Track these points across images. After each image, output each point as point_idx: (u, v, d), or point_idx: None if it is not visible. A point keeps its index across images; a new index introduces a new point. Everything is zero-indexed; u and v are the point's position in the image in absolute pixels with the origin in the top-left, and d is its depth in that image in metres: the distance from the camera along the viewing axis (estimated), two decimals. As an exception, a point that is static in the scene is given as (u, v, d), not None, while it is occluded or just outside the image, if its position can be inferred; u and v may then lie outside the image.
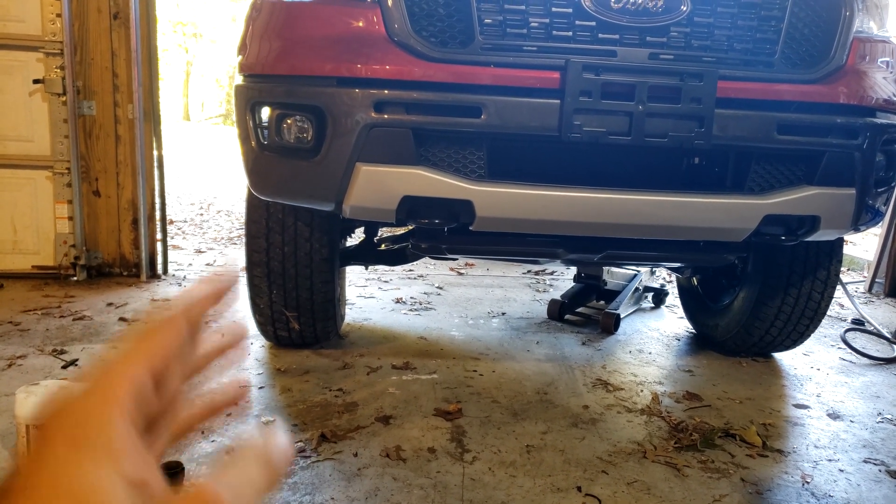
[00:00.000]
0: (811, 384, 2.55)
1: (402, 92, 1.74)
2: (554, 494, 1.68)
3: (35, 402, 1.66)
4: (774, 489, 1.76)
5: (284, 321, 2.47)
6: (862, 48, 1.92)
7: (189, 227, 5.78)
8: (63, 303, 3.17)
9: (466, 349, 2.75)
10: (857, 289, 4.28)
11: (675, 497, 1.69)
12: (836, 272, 2.53)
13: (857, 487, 1.79)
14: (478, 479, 1.73)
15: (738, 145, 1.86)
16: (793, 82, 1.86)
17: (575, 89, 1.71)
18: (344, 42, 1.77)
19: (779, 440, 2.05)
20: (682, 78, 1.75)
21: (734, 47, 1.82)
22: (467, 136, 1.78)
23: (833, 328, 3.29)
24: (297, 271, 2.36)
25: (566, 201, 1.82)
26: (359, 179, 1.78)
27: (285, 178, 1.92)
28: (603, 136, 1.74)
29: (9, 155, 3.45)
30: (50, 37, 3.35)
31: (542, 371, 2.53)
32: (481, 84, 1.74)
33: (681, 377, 2.56)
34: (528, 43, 1.74)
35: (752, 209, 1.89)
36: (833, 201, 1.92)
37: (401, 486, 1.68)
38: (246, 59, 1.94)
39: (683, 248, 2.25)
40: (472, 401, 2.22)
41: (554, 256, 2.23)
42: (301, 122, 1.83)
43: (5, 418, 1.93)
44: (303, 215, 2.29)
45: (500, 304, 3.52)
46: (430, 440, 1.93)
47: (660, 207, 1.86)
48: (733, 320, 2.73)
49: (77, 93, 3.42)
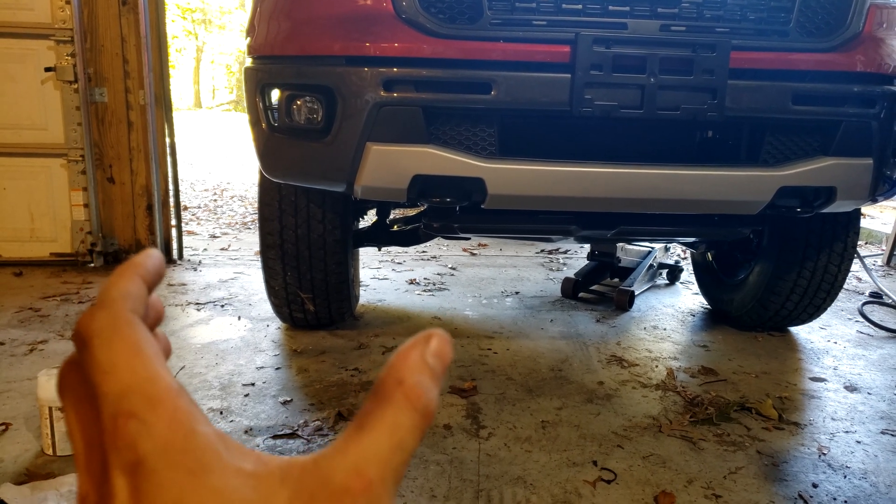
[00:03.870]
0: (828, 357, 2.53)
1: (412, 70, 1.74)
2: (569, 469, 1.69)
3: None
4: (791, 461, 1.76)
5: (299, 303, 2.49)
6: (879, 15, 1.88)
7: (203, 212, 5.82)
8: (81, 289, 3.21)
9: (481, 328, 2.76)
10: (876, 262, 4.24)
11: (690, 470, 1.70)
12: (853, 244, 2.50)
13: (874, 458, 1.79)
14: (493, 455, 1.75)
15: (752, 117, 1.84)
16: (808, 51, 1.82)
17: (585, 63, 1.69)
18: (352, 21, 1.76)
19: (795, 413, 2.05)
20: (695, 49, 1.73)
21: (747, 17, 1.79)
22: (477, 112, 1.77)
23: (850, 301, 3.26)
24: (310, 253, 2.37)
25: (579, 177, 1.81)
26: (369, 159, 1.78)
27: (296, 159, 1.92)
28: (614, 110, 1.73)
29: (23, 143, 3.48)
30: (60, 24, 3.36)
31: (557, 348, 2.54)
32: (491, 60, 1.73)
33: (696, 352, 2.55)
34: (538, 17, 1.72)
35: (766, 181, 1.87)
36: (850, 172, 1.90)
37: (417, 462, 1.70)
38: (254, 41, 1.94)
39: (697, 222, 2.23)
40: (486, 378, 2.23)
41: (567, 234, 2.22)
42: (311, 103, 1.83)
43: (29, 401, 1.96)
44: (315, 197, 2.30)
45: (513, 283, 3.52)
46: (445, 417, 1.94)
47: (673, 181, 1.84)
48: (748, 295, 2.71)
49: (88, 80, 3.44)
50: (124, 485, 0.23)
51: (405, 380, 0.25)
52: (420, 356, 0.25)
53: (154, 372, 0.25)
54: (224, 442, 0.25)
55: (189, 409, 0.24)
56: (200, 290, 3.23)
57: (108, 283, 0.28)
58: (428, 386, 0.25)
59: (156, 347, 0.26)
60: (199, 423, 0.24)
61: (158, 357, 0.25)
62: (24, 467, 1.65)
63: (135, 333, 0.26)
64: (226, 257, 4.01)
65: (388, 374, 0.25)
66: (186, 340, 2.52)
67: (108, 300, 0.27)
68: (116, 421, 0.23)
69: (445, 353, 0.26)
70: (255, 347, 2.47)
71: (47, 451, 1.70)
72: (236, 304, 3.02)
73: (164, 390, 0.24)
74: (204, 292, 3.20)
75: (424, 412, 0.25)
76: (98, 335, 0.25)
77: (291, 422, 1.89)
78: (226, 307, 2.97)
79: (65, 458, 1.69)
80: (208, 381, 2.16)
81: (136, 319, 0.26)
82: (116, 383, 0.24)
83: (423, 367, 0.25)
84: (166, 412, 0.24)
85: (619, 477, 1.66)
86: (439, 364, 0.26)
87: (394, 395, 0.25)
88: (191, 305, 2.98)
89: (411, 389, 0.25)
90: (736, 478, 1.67)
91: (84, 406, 0.26)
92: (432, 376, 0.25)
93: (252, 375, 2.21)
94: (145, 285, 0.29)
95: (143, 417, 0.23)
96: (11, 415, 1.90)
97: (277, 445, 1.77)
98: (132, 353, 0.25)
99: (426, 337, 0.26)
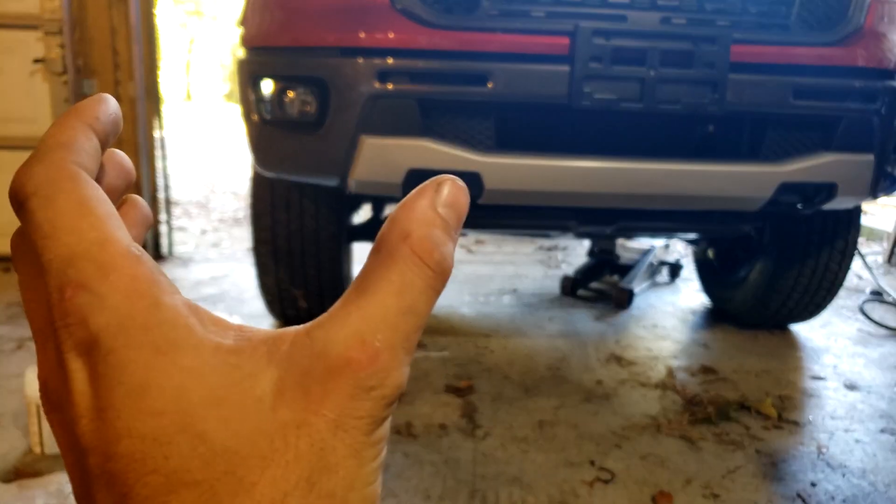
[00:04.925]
0: (828, 356, 2.52)
1: (407, 61, 1.70)
2: (567, 468, 1.66)
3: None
4: (790, 460, 1.74)
5: (292, 299, 2.46)
6: (880, 9, 1.86)
7: (194, 207, 5.77)
8: (71, 284, 3.16)
9: (477, 326, 2.73)
10: (877, 260, 4.22)
11: (689, 469, 1.67)
12: (853, 242, 2.48)
13: (873, 457, 1.77)
14: (489, 455, 1.72)
15: (752, 111, 1.82)
16: (809, 45, 1.80)
17: (584, 55, 1.66)
18: (346, 11, 1.73)
19: (794, 412, 2.02)
20: (695, 42, 1.70)
21: (748, 10, 1.77)
22: (474, 105, 1.74)
23: (851, 299, 3.24)
24: (303, 249, 2.33)
25: (577, 172, 1.78)
26: (363, 152, 1.74)
27: (289, 152, 1.88)
28: (614, 104, 1.70)
29: (11, 136, 3.42)
30: (49, 15, 3.30)
31: (555, 347, 2.51)
32: (488, 51, 1.70)
33: (696, 351, 2.53)
34: (536, 8, 1.69)
35: (767, 177, 1.85)
36: (850, 168, 1.88)
37: (412, 462, 1.67)
38: (247, 32, 1.90)
39: (698, 218, 2.21)
40: (483, 377, 2.20)
41: (565, 229, 2.19)
42: (304, 95, 1.79)
43: (16, 398, 1.93)
44: (308, 191, 2.26)
45: (511, 280, 3.49)
46: (441, 416, 1.91)
47: (673, 176, 1.82)
48: (749, 293, 2.69)
49: (77, 72, 3.39)
50: (80, 366, 0.20)
51: (412, 232, 0.21)
52: (430, 205, 0.21)
53: (106, 234, 0.20)
54: (197, 315, 0.21)
55: (151, 277, 0.21)
56: (191, 287, 3.18)
57: (46, 133, 0.23)
58: (441, 239, 0.21)
59: (108, 206, 0.22)
60: (165, 292, 0.21)
61: (112, 218, 0.21)
62: (12, 465, 1.62)
63: (80, 189, 0.21)
64: (217, 253, 3.97)
65: (392, 226, 0.21)
66: (177, 337, 2.48)
67: (46, 150, 0.22)
68: (63, 293, 0.20)
69: (460, 203, 0.22)
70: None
71: (35, 449, 1.67)
72: (228, 300, 2.98)
73: (119, 255, 0.20)
74: (194, 289, 3.16)
75: (438, 269, 0.21)
76: (35, 193, 0.21)
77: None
78: (217, 304, 2.93)
79: (53, 456, 1.65)
80: (199, 378, 2.13)
81: (81, 173, 0.22)
82: (60, 248, 0.20)
83: (434, 218, 0.21)
84: (122, 281, 0.20)
85: (616, 477, 1.63)
86: (453, 215, 0.22)
87: (400, 249, 0.21)
88: (182, 302, 2.94)
89: (419, 243, 0.21)
90: (734, 477, 1.65)
91: (34, 279, 0.22)
92: (445, 228, 0.21)
93: (244, 373, 2.18)
94: (95, 136, 0.24)
95: (93, 288, 0.19)
96: (-3, 413, 1.86)
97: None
98: (77, 212, 0.21)
99: (437, 183, 0.22)
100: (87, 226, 0.20)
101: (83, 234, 0.20)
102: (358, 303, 0.21)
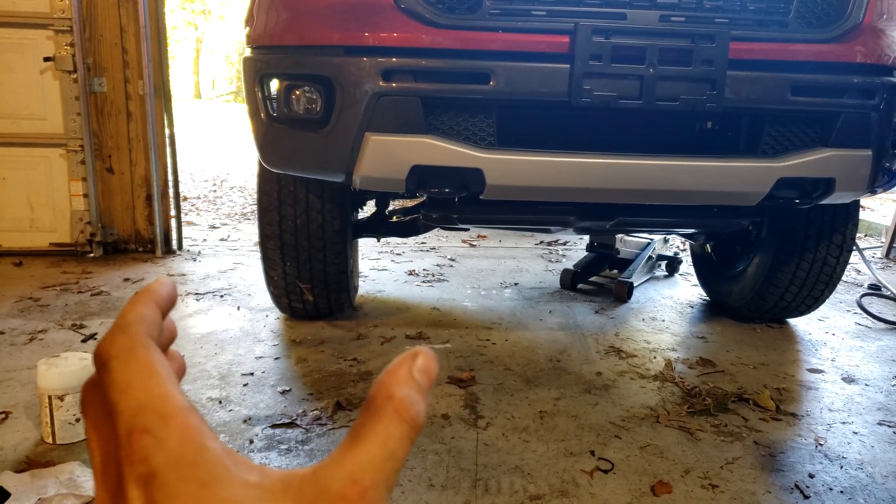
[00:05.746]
0: (826, 349, 2.54)
1: (411, 59, 1.73)
2: (567, 458, 1.70)
3: (56, 373, 1.70)
4: (787, 451, 1.77)
5: (298, 293, 2.50)
6: (879, 5, 1.88)
7: (202, 203, 5.82)
8: (81, 279, 3.21)
9: (479, 319, 2.76)
10: (875, 254, 4.24)
11: (687, 460, 1.70)
12: (851, 236, 2.50)
13: (870, 449, 1.80)
14: (491, 445, 1.75)
15: (751, 108, 1.84)
16: (808, 42, 1.82)
17: (584, 53, 1.69)
18: (351, 10, 1.76)
19: (792, 404, 2.05)
20: (694, 40, 1.72)
21: (747, 7, 1.78)
22: (476, 103, 1.77)
23: (849, 294, 3.26)
24: (309, 243, 2.37)
25: (577, 167, 1.81)
26: (368, 149, 1.78)
27: (295, 149, 1.92)
28: (613, 101, 1.72)
29: (22, 133, 3.48)
30: (59, 13, 3.34)
31: (555, 339, 2.54)
32: (490, 50, 1.73)
33: (694, 343, 2.56)
34: (537, 7, 1.72)
35: (765, 172, 1.87)
36: (848, 163, 1.90)
37: (416, 451, 1.71)
38: (253, 31, 1.93)
39: (696, 213, 2.23)
40: (485, 369, 2.24)
41: (566, 224, 2.22)
42: (310, 93, 1.83)
43: (28, 389, 1.97)
44: (314, 187, 2.30)
45: (512, 274, 3.53)
46: (443, 407, 1.95)
47: (672, 172, 1.84)
48: (747, 286, 2.72)
49: (87, 70, 3.43)
50: (139, 496, 0.25)
51: (394, 394, 0.26)
52: (408, 372, 0.27)
53: (167, 391, 0.26)
54: (231, 456, 0.26)
55: (199, 426, 0.26)
56: (200, 281, 3.23)
57: (125, 309, 0.30)
58: (416, 399, 0.27)
59: (168, 368, 0.28)
60: (209, 438, 0.26)
61: (171, 377, 0.27)
62: (24, 455, 1.65)
63: (149, 355, 0.27)
64: (225, 248, 4.02)
65: (379, 389, 0.27)
66: (186, 330, 2.53)
67: (126, 324, 0.29)
68: (131, 436, 0.25)
69: (431, 369, 0.28)
70: (254, 337, 2.48)
71: (47, 440, 1.71)
72: (235, 294, 3.02)
73: (176, 408, 0.26)
74: (203, 282, 3.20)
75: (413, 423, 0.26)
76: (116, 357, 0.27)
77: (290, 411, 1.90)
78: (225, 297, 2.97)
79: (64, 446, 1.70)
80: (207, 370, 2.17)
81: (150, 342, 0.28)
82: (132, 401, 0.26)
83: (411, 382, 0.27)
84: (178, 428, 0.25)
85: (616, 467, 1.67)
86: (426, 379, 0.28)
87: (384, 408, 0.26)
88: (190, 296, 2.99)
89: (400, 403, 0.26)
90: (733, 468, 1.68)
91: (102, 423, 0.28)
92: (419, 390, 0.27)
93: (251, 365, 2.22)
94: (159, 310, 0.31)
95: (156, 433, 0.25)
96: (11, 403, 1.91)
97: (276, 434, 1.78)
98: (147, 373, 0.27)
99: (413, 354, 0.28)
100: (154, 384, 0.26)
101: (150, 390, 0.26)
102: (352, 449, 0.26)
